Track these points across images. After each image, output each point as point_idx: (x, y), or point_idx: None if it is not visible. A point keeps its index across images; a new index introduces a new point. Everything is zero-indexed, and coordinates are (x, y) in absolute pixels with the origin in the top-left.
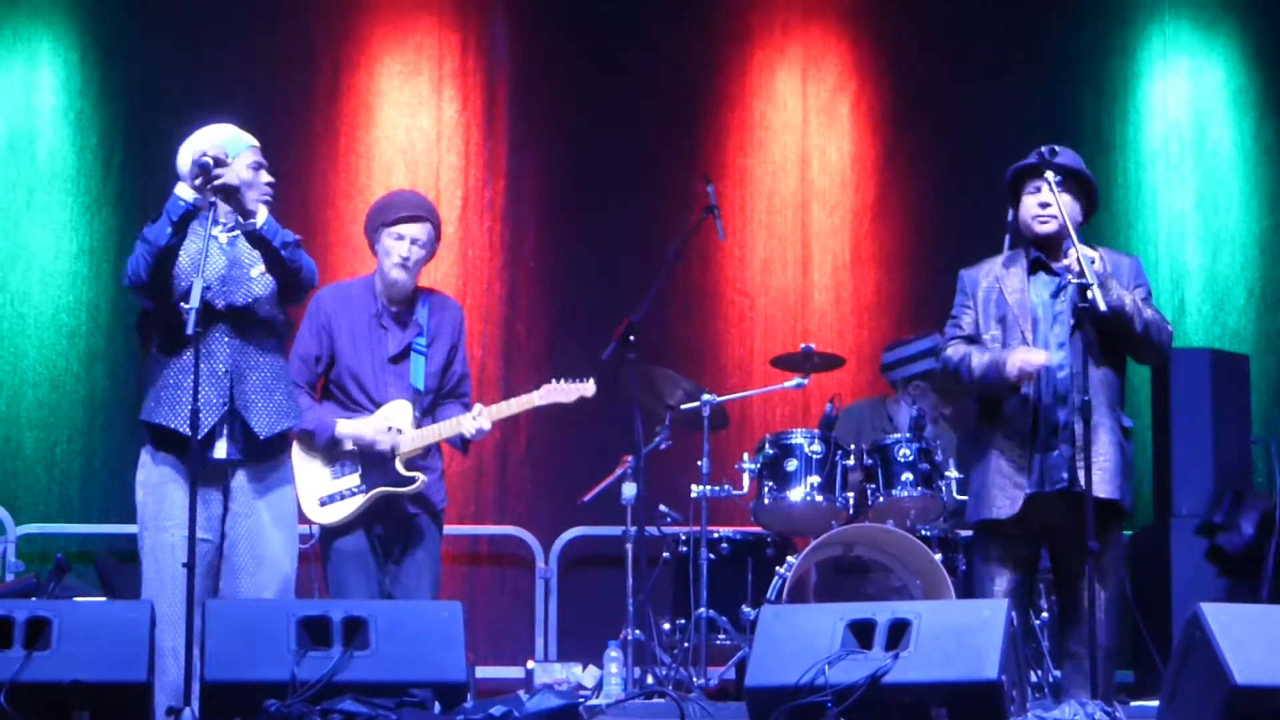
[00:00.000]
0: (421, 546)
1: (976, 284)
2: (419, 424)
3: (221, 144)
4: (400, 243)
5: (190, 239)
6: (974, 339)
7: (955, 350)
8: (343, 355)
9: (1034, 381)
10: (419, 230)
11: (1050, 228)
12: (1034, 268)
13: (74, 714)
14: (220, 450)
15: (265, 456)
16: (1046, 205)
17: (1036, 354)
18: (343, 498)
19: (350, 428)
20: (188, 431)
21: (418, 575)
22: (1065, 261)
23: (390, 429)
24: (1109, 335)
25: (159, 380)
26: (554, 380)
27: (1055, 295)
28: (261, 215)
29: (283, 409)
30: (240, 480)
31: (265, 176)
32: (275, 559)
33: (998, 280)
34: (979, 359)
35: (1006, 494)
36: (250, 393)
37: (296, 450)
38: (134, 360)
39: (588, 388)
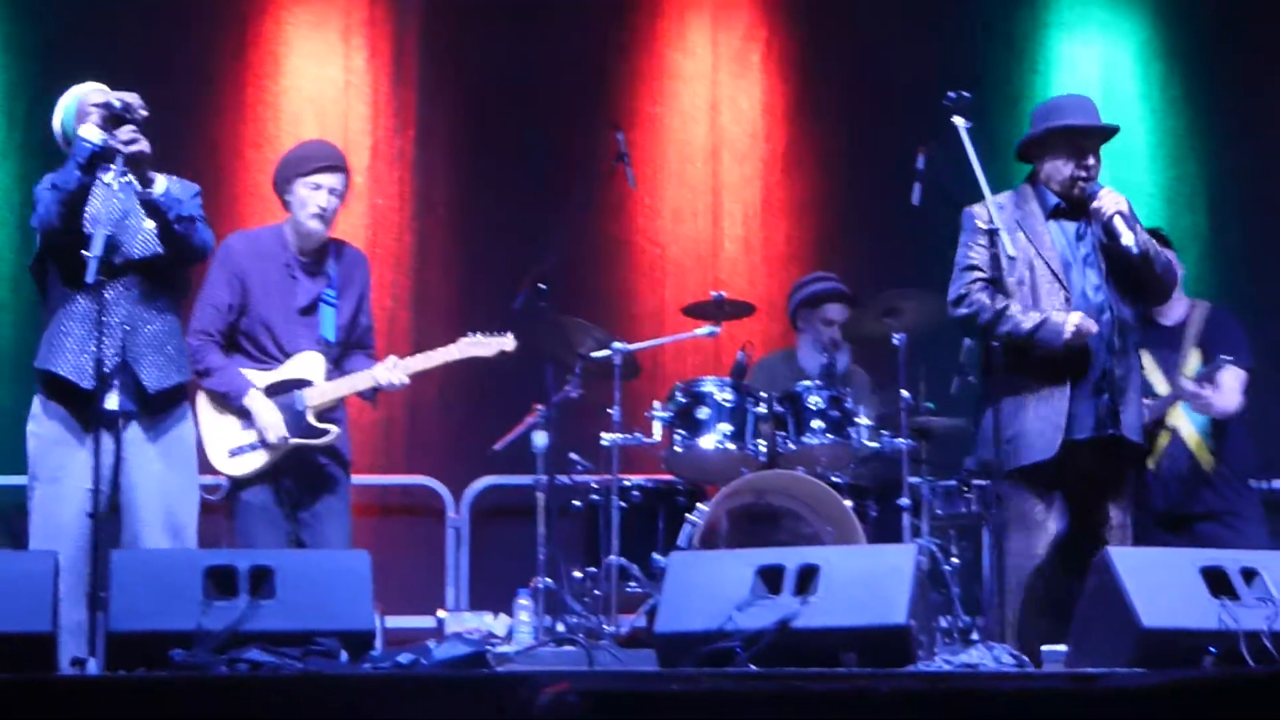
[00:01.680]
0: (334, 494)
1: (983, 231)
2: (329, 376)
3: (124, 97)
4: (318, 193)
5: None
6: (995, 281)
7: (989, 301)
8: (255, 305)
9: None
10: (335, 180)
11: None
12: (1054, 213)
13: None
14: (112, 402)
15: (159, 408)
16: (1089, 169)
17: (1090, 321)
18: (253, 449)
19: (254, 405)
20: (80, 381)
21: (330, 523)
22: (1096, 204)
23: (280, 429)
24: (1133, 278)
25: (55, 328)
26: (471, 334)
27: (1079, 239)
28: (160, 184)
29: (174, 363)
30: (134, 431)
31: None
32: (171, 508)
33: (1018, 223)
34: (1029, 319)
35: (1045, 438)
36: (142, 346)
37: (205, 402)
38: (38, 312)
39: (507, 341)
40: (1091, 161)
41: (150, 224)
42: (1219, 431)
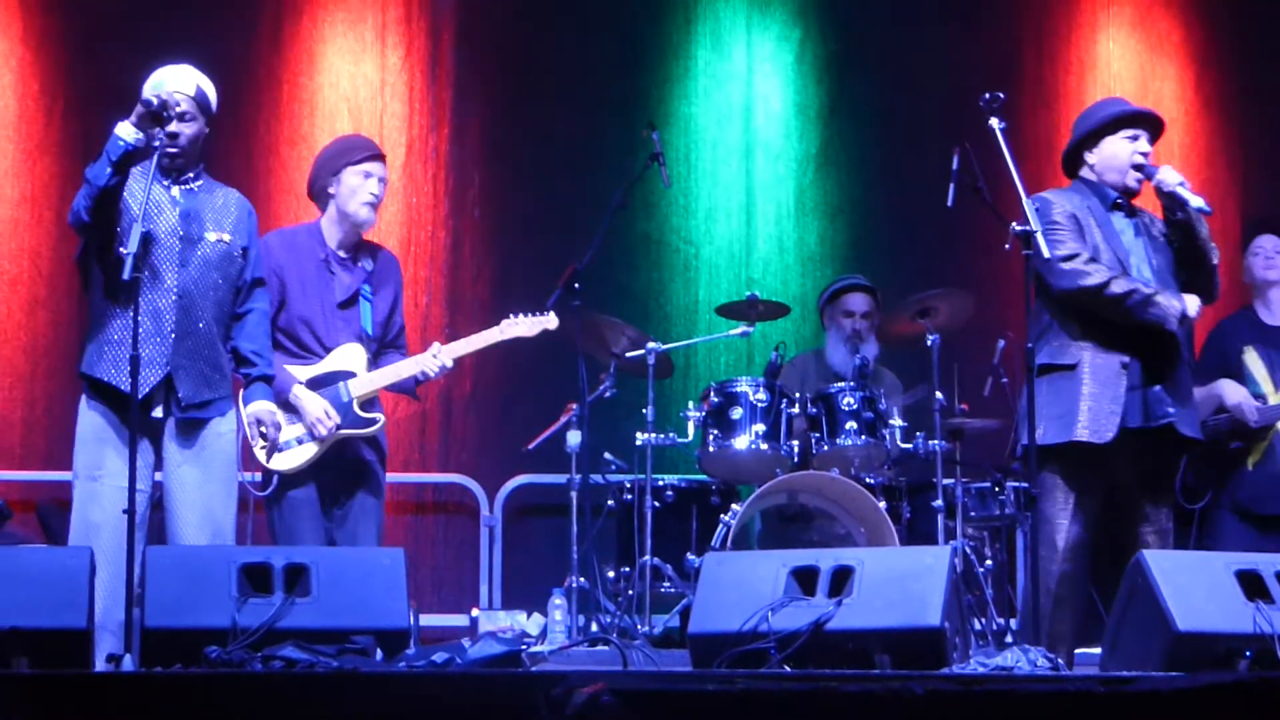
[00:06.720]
0: (369, 493)
1: (1068, 213)
2: (369, 368)
3: (171, 90)
4: (370, 180)
5: (139, 182)
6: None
7: (1113, 279)
8: (293, 301)
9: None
10: (381, 170)
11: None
12: (1113, 207)
13: (13, 660)
14: (157, 411)
15: (198, 408)
16: (1146, 154)
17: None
18: (300, 443)
19: (301, 399)
20: (125, 389)
21: (365, 521)
22: (1158, 179)
23: (329, 420)
24: (1186, 270)
25: (100, 332)
26: (513, 315)
27: (1136, 233)
28: None
29: (207, 379)
30: (172, 430)
31: (171, 126)
32: (209, 507)
33: (1088, 211)
34: (1148, 287)
35: (1103, 420)
36: (184, 356)
37: None
38: (76, 307)
39: (549, 320)
40: (1146, 149)
41: (213, 235)
42: None
